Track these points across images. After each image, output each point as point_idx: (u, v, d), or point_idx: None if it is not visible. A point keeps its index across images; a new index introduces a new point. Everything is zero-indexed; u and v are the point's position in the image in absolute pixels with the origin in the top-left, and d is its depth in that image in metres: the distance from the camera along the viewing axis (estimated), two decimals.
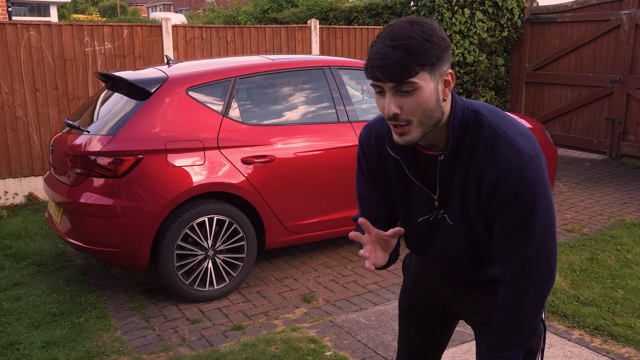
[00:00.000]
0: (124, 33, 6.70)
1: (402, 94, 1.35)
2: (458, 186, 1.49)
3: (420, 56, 1.31)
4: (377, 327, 3.56)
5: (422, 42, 1.31)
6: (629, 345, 3.28)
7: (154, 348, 3.36)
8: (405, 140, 1.40)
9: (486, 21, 8.87)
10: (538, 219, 1.42)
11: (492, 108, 1.49)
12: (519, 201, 1.40)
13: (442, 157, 1.46)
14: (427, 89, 1.34)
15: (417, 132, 1.39)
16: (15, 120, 6.19)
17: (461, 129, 1.44)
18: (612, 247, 4.74)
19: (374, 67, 1.33)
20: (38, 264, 4.58)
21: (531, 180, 1.39)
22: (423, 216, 1.60)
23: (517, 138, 1.42)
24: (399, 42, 1.31)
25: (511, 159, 1.39)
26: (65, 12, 31.08)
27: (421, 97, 1.34)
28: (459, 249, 1.61)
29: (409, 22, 1.34)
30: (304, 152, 4.22)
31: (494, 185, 1.41)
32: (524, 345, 1.52)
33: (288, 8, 13.00)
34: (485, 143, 1.42)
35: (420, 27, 1.33)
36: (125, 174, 3.66)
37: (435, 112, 1.38)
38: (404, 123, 1.37)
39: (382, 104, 1.40)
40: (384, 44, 1.32)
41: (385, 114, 1.38)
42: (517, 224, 1.42)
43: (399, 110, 1.36)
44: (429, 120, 1.38)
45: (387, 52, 1.31)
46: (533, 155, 1.40)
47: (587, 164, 8.16)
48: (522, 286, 1.46)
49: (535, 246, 1.43)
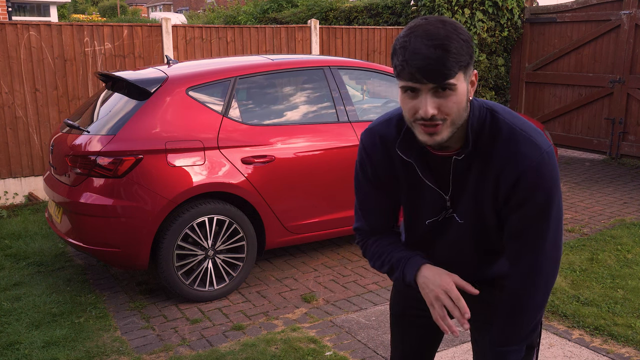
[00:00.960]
0: (124, 33, 6.70)
1: (439, 95, 1.32)
2: (472, 185, 1.48)
3: (459, 56, 1.29)
4: (377, 327, 3.56)
5: (459, 42, 1.29)
6: (629, 345, 3.28)
7: (154, 348, 3.36)
8: (436, 140, 1.37)
9: (486, 21, 8.88)
10: (553, 214, 1.44)
11: (504, 107, 1.51)
12: (537, 197, 1.42)
13: (461, 156, 1.45)
14: (462, 90, 1.34)
15: (447, 132, 1.37)
16: (15, 120, 6.19)
17: (479, 128, 1.44)
18: (612, 247, 4.74)
19: (412, 68, 1.29)
20: (38, 264, 4.58)
21: (549, 176, 1.41)
22: (431, 218, 1.59)
23: (534, 135, 1.43)
24: (439, 41, 1.27)
25: (531, 156, 1.40)
26: (65, 12, 31.08)
27: (457, 98, 1.33)
28: (465, 248, 1.61)
29: (441, 22, 1.31)
30: (304, 152, 4.22)
31: (513, 182, 1.42)
32: (527, 339, 1.53)
33: (288, 8, 13.00)
34: (504, 141, 1.43)
35: (453, 26, 1.31)
36: (125, 174, 3.66)
37: (465, 112, 1.38)
38: (438, 122, 1.35)
39: (411, 105, 1.35)
40: (422, 43, 1.28)
41: (420, 114, 1.34)
42: (534, 219, 1.44)
43: (437, 111, 1.33)
44: (459, 120, 1.38)
45: (427, 53, 1.27)
46: (550, 152, 1.42)
47: (587, 164, 8.16)
48: (533, 281, 1.48)
49: (550, 239, 1.45)
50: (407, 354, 1.88)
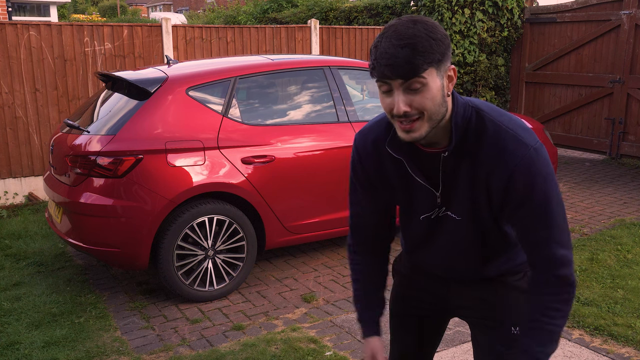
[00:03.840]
0: (124, 33, 6.70)
1: (410, 92, 1.36)
2: (463, 182, 1.50)
3: (427, 53, 1.33)
4: None
5: (428, 40, 1.33)
6: (629, 345, 3.28)
7: (154, 348, 3.36)
8: (413, 136, 1.41)
9: (486, 21, 8.88)
10: (553, 207, 1.45)
11: (491, 105, 1.52)
12: (534, 196, 1.43)
13: (446, 153, 1.47)
14: (435, 85, 1.37)
15: (425, 128, 1.40)
16: (15, 120, 6.19)
17: (463, 125, 1.46)
18: (612, 247, 4.74)
19: (382, 66, 1.34)
20: (38, 264, 4.58)
21: (540, 172, 1.42)
22: (424, 214, 1.61)
23: (520, 132, 1.45)
24: (406, 40, 1.32)
25: (519, 154, 1.42)
26: (65, 12, 31.07)
27: (429, 93, 1.36)
28: (463, 246, 1.61)
29: (411, 21, 1.36)
30: (304, 152, 4.22)
31: (506, 182, 1.44)
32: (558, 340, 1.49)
33: (288, 8, 13.00)
34: (490, 139, 1.45)
35: (424, 25, 1.35)
36: (125, 174, 3.66)
37: (441, 107, 1.40)
38: (413, 118, 1.38)
39: (388, 103, 1.40)
40: (391, 44, 1.33)
41: (394, 112, 1.38)
42: (536, 217, 1.45)
43: (409, 107, 1.37)
44: (437, 116, 1.40)
45: (394, 52, 1.32)
46: (538, 147, 1.43)
47: (587, 164, 8.16)
48: (560, 272, 1.45)
49: (559, 229, 1.45)
50: (407, 353, 1.88)
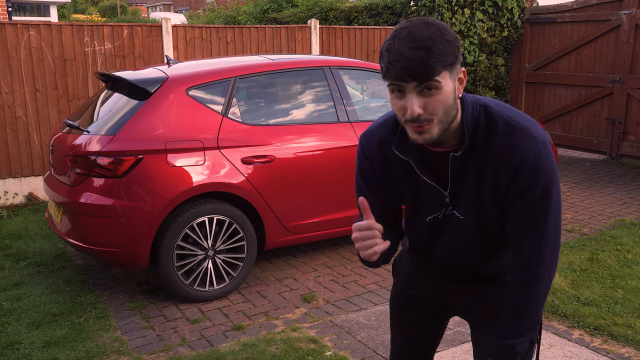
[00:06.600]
0: (124, 33, 6.70)
1: (424, 94, 1.36)
2: (471, 180, 1.51)
3: (442, 56, 1.33)
4: (377, 327, 3.56)
5: (442, 42, 1.33)
6: (629, 345, 3.28)
7: (154, 348, 3.36)
8: (425, 138, 1.41)
9: (486, 21, 8.88)
10: (552, 202, 1.47)
11: (498, 101, 1.53)
12: (536, 187, 1.45)
13: (458, 153, 1.48)
14: (447, 88, 1.37)
15: (436, 130, 1.40)
16: (15, 120, 6.19)
17: (473, 123, 1.47)
18: (612, 247, 4.74)
19: (396, 68, 1.33)
20: (38, 264, 4.58)
21: (547, 165, 1.44)
22: (432, 215, 1.61)
23: (530, 126, 1.47)
24: (421, 42, 1.32)
25: (528, 147, 1.44)
26: (65, 12, 31.06)
27: (442, 96, 1.36)
28: (467, 244, 1.62)
29: (425, 23, 1.36)
30: (305, 152, 4.22)
31: (512, 173, 1.46)
32: (531, 332, 1.55)
33: (288, 8, 13.00)
34: (500, 134, 1.46)
35: (437, 27, 1.35)
36: (125, 174, 3.66)
37: (453, 109, 1.41)
38: (425, 122, 1.38)
39: (400, 105, 1.39)
40: (406, 46, 1.32)
41: (407, 115, 1.38)
42: (534, 209, 1.47)
43: (422, 110, 1.37)
44: (448, 118, 1.41)
45: (410, 54, 1.32)
46: (545, 141, 1.46)
47: (587, 164, 8.16)
48: (535, 270, 1.50)
49: (551, 228, 1.48)
50: (407, 353, 1.88)
